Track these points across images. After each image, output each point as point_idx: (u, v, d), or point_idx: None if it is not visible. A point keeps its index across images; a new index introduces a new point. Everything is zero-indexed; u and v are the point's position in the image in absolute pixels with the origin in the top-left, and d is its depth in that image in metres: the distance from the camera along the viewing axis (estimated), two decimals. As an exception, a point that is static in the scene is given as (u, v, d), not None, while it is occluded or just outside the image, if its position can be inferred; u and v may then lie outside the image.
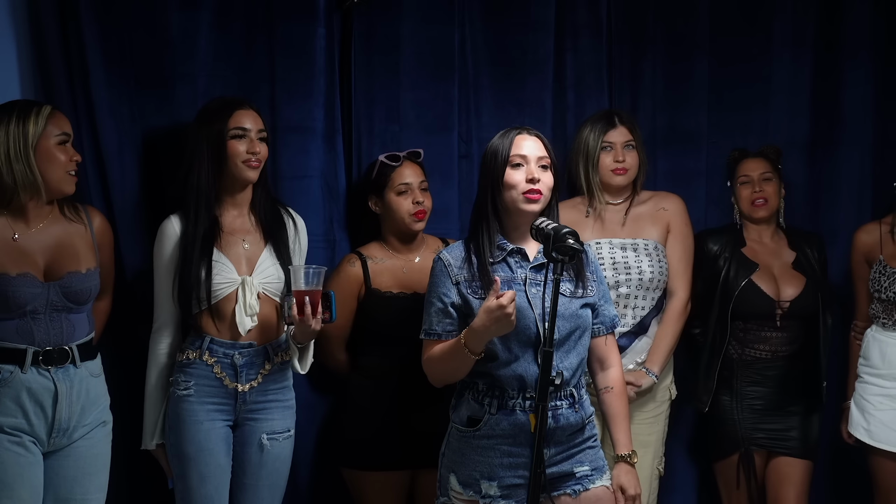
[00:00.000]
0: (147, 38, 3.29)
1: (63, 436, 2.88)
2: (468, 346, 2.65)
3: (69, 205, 2.96)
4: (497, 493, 2.73)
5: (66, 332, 2.89)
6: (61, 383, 2.86)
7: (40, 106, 2.87)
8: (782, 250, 3.69)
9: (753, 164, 3.68)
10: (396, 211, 3.30)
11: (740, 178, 3.68)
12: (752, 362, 3.61)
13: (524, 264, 2.80)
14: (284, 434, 3.15)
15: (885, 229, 3.58)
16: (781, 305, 3.58)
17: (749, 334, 3.60)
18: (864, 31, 3.88)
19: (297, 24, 3.44)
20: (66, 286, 2.87)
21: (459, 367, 2.73)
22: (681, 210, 3.60)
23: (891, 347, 3.51)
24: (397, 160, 3.33)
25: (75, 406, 2.89)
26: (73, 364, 2.90)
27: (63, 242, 2.91)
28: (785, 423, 3.61)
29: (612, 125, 3.51)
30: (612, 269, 3.45)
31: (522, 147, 2.78)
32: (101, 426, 2.96)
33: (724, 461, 3.66)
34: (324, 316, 2.97)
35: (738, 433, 3.61)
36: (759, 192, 3.64)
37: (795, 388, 3.61)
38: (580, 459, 2.80)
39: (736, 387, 3.61)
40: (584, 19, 3.78)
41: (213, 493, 3.04)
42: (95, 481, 2.95)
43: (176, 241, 3.04)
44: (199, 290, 3.00)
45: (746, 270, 3.60)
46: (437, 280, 2.80)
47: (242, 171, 3.06)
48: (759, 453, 3.62)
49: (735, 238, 3.68)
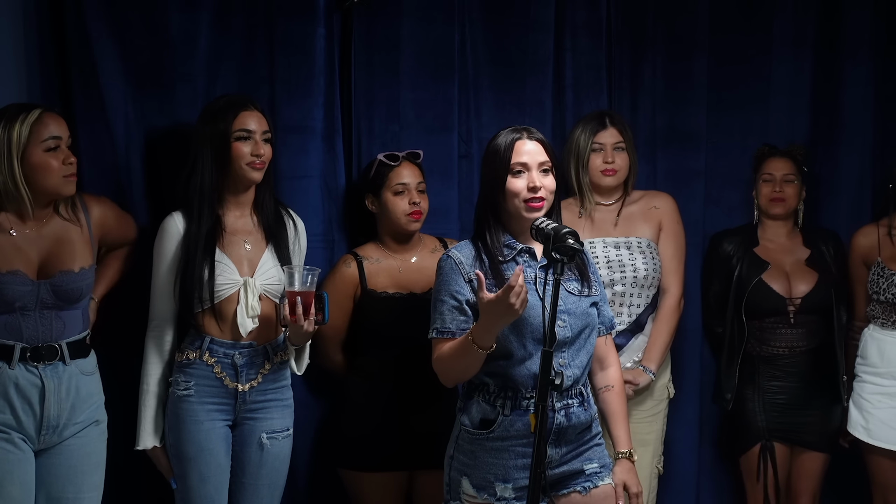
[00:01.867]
0: (147, 38, 3.29)
1: (53, 433, 2.88)
2: (477, 342, 2.63)
3: (66, 202, 2.93)
4: (512, 496, 2.72)
5: (56, 329, 2.88)
6: (49, 380, 2.85)
7: (29, 111, 2.80)
8: (796, 248, 3.72)
9: (778, 163, 3.70)
10: (392, 211, 3.30)
11: (763, 175, 3.71)
12: (772, 358, 3.64)
13: (533, 264, 2.80)
14: (283, 433, 3.15)
15: (883, 231, 3.59)
16: (793, 302, 3.62)
17: (765, 332, 3.64)
18: (864, 31, 3.88)
19: (297, 23, 3.43)
20: (57, 285, 2.86)
21: (470, 364, 2.70)
22: (672, 208, 3.62)
23: (889, 346, 3.52)
24: (396, 160, 3.33)
25: (65, 403, 2.88)
26: (63, 361, 2.89)
27: (60, 240, 2.90)
28: (806, 416, 3.64)
29: (603, 126, 3.51)
30: (607, 267, 3.46)
31: (523, 154, 2.76)
32: (93, 425, 2.95)
33: (745, 454, 3.70)
34: (316, 317, 2.97)
35: (759, 425, 3.64)
36: (780, 191, 3.67)
37: (816, 383, 3.64)
38: (589, 457, 2.81)
39: (758, 382, 3.66)
40: (583, 19, 3.78)
41: (214, 493, 3.04)
42: (88, 480, 2.93)
43: (178, 239, 3.03)
44: (202, 290, 3.00)
45: (758, 269, 3.64)
46: (448, 278, 2.78)
47: (247, 172, 3.05)
48: (781, 446, 3.65)
49: (749, 238, 3.73)
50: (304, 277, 2.93)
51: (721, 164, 3.87)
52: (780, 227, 3.74)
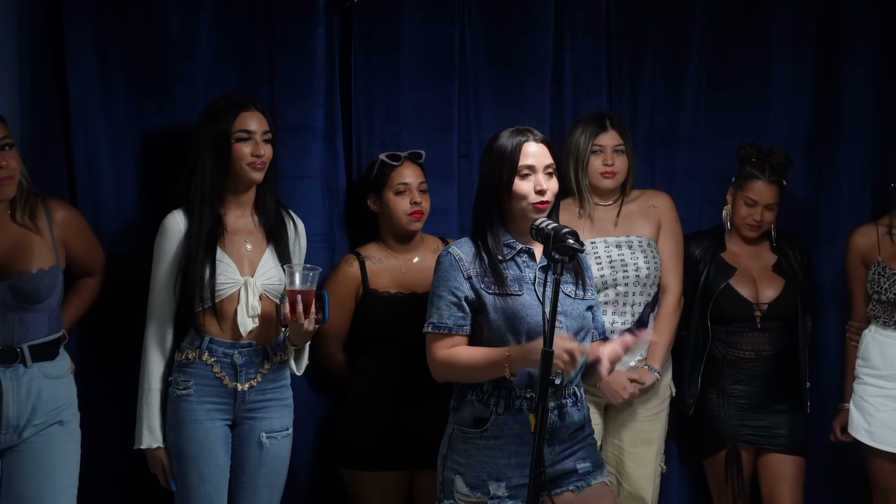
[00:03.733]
0: (147, 38, 3.29)
1: (13, 433, 2.87)
2: (511, 368, 2.66)
3: (25, 205, 2.91)
4: (505, 494, 2.73)
5: (18, 332, 2.87)
6: (7, 382, 2.85)
7: None
8: (763, 253, 3.70)
9: (765, 190, 3.58)
10: (393, 210, 3.31)
11: (745, 198, 3.60)
12: (737, 361, 3.63)
13: (532, 264, 2.82)
14: (283, 432, 3.15)
15: (882, 230, 3.58)
16: (760, 307, 3.61)
17: (732, 335, 3.63)
18: (864, 30, 3.88)
19: (297, 24, 3.44)
20: (15, 286, 2.85)
21: (484, 377, 2.73)
22: (670, 207, 3.62)
23: (891, 348, 3.50)
24: (398, 160, 3.33)
25: (24, 405, 2.87)
26: (24, 364, 2.88)
27: (17, 243, 2.89)
28: (771, 420, 3.62)
29: (604, 128, 3.51)
30: (610, 267, 3.46)
31: (530, 156, 2.78)
32: (56, 425, 2.93)
33: (712, 458, 3.67)
34: (317, 316, 2.97)
35: (726, 430, 3.62)
36: (759, 220, 3.61)
37: (780, 387, 3.63)
38: (582, 456, 2.82)
39: (722, 385, 3.63)
40: (583, 19, 3.78)
41: (213, 493, 3.04)
42: (50, 480, 2.90)
43: (180, 238, 3.03)
44: (203, 289, 3.00)
45: (725, 274, 3.62)
46: (447, 274, 2.79)
47: (248, 172, 3.05)
48: (746, 449, 3.63)
49: (716, 242, 3.70)
50: (305, 276, 2.93)
51: (720, 164, 3.86)
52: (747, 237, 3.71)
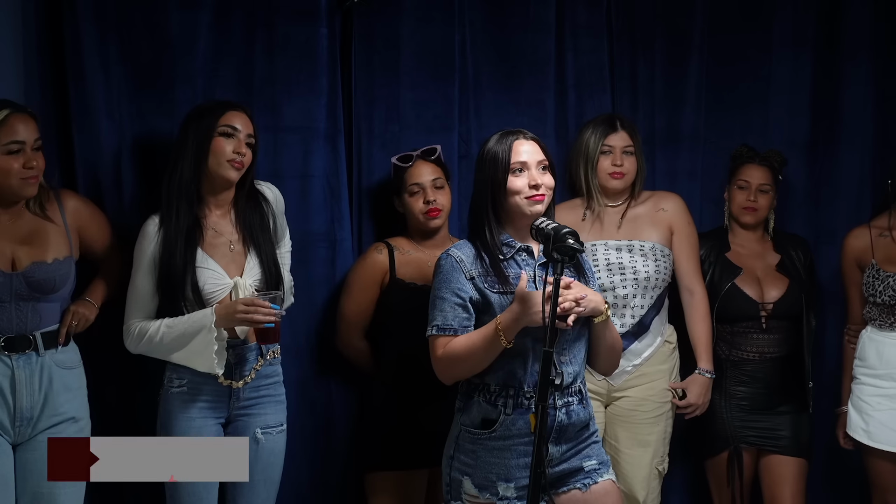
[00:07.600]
0: (147, 38, 3.29)
1: (28, 425, 2.89)
2: (506, 336, 2.66)
3: (38, 196, 2.94)
4: (514, 495, 2.73)
5: (32, 320, 2.90)
6: (20, 370, 2.87)
7: None
8: (767, 253, 3.72)
9: (755, 171, 3.67)
10: (411, 210, 3.35)
11: (739, 182, 3.69)
12: (740, 363, 3.63)
13: (531, 262, 2.83)
14: (278, 428, 3.16)
15: (876, 233, 3.58)
16: (765, 307, 3.61)
17: (736, 336, 3.63)
18: (864, 30, 3.88)
19: (298, 24, 3.44)
20: (30, 276, 2.88)
21: (487, 358, 2.71)
22: (681, 209, 3.62)
23: (887, 347, 3.50)
24: (408, 160, 3.36)
25: (37, 395, 2.89)
26: (36, 352, 2.90)
27: (32, 233, 2.93)
28: (774, 421, 3.62)
29: (614, 129, 3.52)
30: (607, 270, 3.47)
31: (522, 153, 2.80)
32: (70, 422, 2.94)
33: (713, 459, 3.68)
34: None
35: (728, 431, 3.63)
36: (753, 200, 3.65)
37: (783, 389, 3.63)
38: (588, 454, 2.83)
39: (725, 386, 3.64)
40: (584, 19, 3.79)
41: (202, 490, 3.05)
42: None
43: (156, 239, 3.01)
44: (185, 288, 2.99)
45: (730, 274, 3.63)
46: (449, 276, 2.79)
47: (225, 169, 3.03)
48: (748, 451, 3.64)
49: (720, 243, 3.72)
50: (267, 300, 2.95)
51: (720, 164, 3.86)
52: (750, 233, 3.73)
